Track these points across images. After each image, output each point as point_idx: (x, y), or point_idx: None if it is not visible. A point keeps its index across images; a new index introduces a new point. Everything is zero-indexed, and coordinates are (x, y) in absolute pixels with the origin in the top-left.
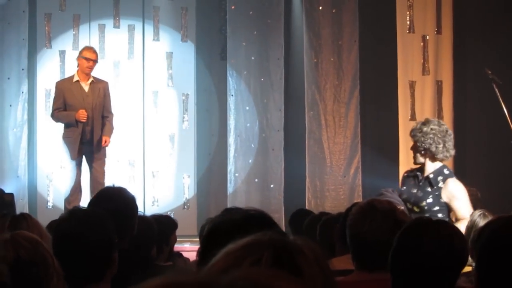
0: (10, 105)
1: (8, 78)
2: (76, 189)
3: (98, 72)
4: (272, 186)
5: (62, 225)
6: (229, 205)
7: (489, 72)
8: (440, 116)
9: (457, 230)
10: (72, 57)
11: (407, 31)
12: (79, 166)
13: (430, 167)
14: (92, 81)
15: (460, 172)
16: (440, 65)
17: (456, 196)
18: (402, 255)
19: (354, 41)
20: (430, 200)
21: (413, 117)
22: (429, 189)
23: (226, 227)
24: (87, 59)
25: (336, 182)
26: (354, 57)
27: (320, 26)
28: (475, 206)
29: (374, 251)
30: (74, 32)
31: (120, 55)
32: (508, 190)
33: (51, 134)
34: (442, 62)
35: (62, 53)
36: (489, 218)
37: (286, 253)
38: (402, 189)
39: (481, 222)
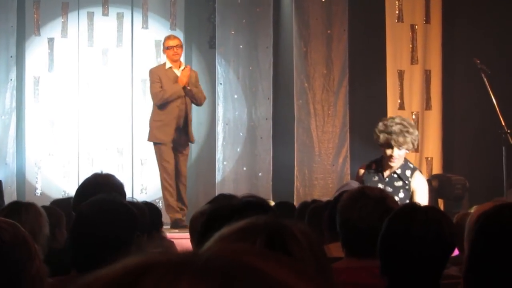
0: None
1: None
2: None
3: (86, 59)
4: (260, 174)
5: (82, 221)
6: (217, 194)
7: (478, 61)
8: (428, 105)
9: (446, 216)
10: (61, 44)
11: (396, 21)
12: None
13: (397, 161)
14: (188, 67)
15: (449, 161)
16: (428, 55)
17: (420, 191)
18: (390, 240)
19: (343, 30)
20: (402, 195)
21: (401, 106)
22: (399, 184)
23: (225, 212)
24: (170, 47)
25: (325, 170)
26: (343, 46)
27: (309, 15)
28: (463, 195)
29: (364, 238)
30: (62, 20)
31: (108, 43)
32: (495, 179)
33: (40, 121)
34: (430, 52)
35: (51, 40)
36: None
37: (279, 237)
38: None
39: None
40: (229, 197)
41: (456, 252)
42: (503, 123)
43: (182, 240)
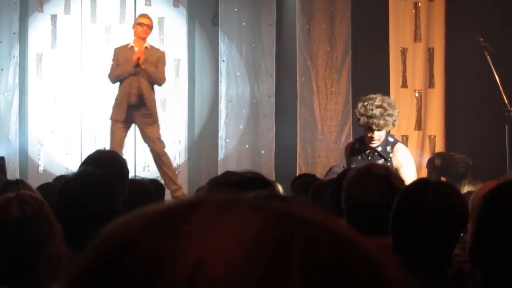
0: (1, 69)
1: (0, 42)
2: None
3: (89, 36)
4: (263, 152)
5: (66, 189)
6: (220, 171)
7: (481, 39)
8: (431, 83)
9: (456, 190)
10: (63, 21)
11: None
12: (125, 129)
13: (377, 142)
14: (146, 47)
15: (451, 139)
16: (431, 32)
17: (404, 164)
18: (402, 216)
19: (346, 7)
20: None
21: (404, 84)
22: (380, 162)
23: (224, 188)
24: (141, 24)
25: (327, 148)
26: (346, 24)
27: None
28: (466, 173)
29: (367, 215)
30: None
31: (111, 19)
32: (498, 157)
33: (43, 98)
34: (433, 29)
35: (54, 17)
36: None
37: None
38: (352, 165)
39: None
40: (232, 173)
41: None
42: (506, 101)
43: None
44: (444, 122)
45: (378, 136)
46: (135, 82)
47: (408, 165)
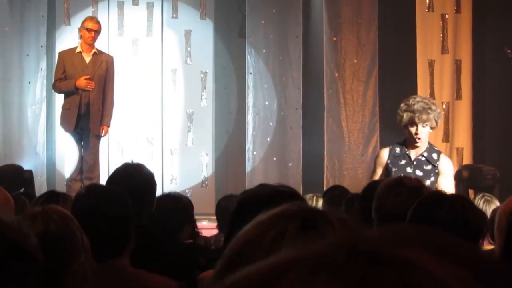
0: (29, 82)
1: (27, 55)
2: (77, 167)
3: (116, 49)
4: (290, 164)
5: (80, 201)
6: (247, 183)
7: (509, 51)
8: (459, 95)
9: (472, 204)
10: None
11: (426, 10)
12: (80, 142)
13: (423, 140)
14: (95, 52)
15: (479, 151)
16: (459, 44)
17: (447, 174)
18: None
19: (373, 19)
20: (432, 178)
21: (432, 96)
22: (428, 167)
23: (256, 200)
24: (89, 30)
25: (354, 161)
26: (373, 36)
27: (339, 4)
28: (493, 186)
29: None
30: (93, 9)
31: (138, 32)
32: None
33: None
34: (461, 41)
35: None
36: (494, 202)
37: (313, 223)
38: (393, 170)
39: (487, 208)
40: (265, 185)
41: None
42: None
43: None
44: (471, 134)
45: (422, 133)
46: (85, 91)
47: (450, 176)
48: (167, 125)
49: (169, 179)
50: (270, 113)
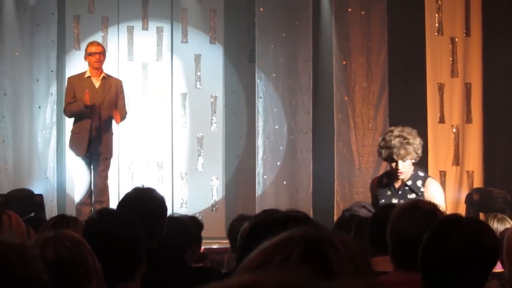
0: (39, 107)
1: (37, 80)
2: (87, 191)
3: (126, 73)
4: (300, 188)
5: (91, 225)
6: (257, 207)
7: None
8: (469, 119)
9: (487, 228)
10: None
11: (436, 33)
12: (89, 165)
13: (405, 173)
14: (104, 77)
15: (490, 174)
16: (469, 68)
17: (435, 198)
18: (431, 251)
19: (383, 43)
20: None
21: (442, 120)
22: (412, 196)
23: (267, 224)
24: (93, 54)
25: (365, 184)
26: (383, 59)
27: (349, 28)
28: (504, 209)
29: (411, 249)
30: (102, 34)
31: (148, 57)
32: None
33: None
34: (471, 65)
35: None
36: (507, 220)
37: (317, 248)
38: (381, 202)
39: (500, 226)
40: (274, 210)
41: (499, 266)
42: None
43: None
44: (482, 157)
45: (403, 167)
46: (96, 115)
47: (439, 199)
48: (177, 149)
49: (179, 203)
50: (280, 137)
